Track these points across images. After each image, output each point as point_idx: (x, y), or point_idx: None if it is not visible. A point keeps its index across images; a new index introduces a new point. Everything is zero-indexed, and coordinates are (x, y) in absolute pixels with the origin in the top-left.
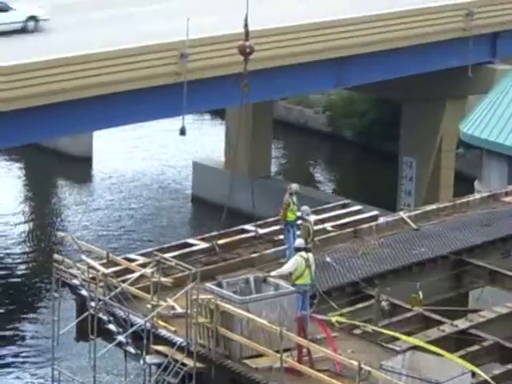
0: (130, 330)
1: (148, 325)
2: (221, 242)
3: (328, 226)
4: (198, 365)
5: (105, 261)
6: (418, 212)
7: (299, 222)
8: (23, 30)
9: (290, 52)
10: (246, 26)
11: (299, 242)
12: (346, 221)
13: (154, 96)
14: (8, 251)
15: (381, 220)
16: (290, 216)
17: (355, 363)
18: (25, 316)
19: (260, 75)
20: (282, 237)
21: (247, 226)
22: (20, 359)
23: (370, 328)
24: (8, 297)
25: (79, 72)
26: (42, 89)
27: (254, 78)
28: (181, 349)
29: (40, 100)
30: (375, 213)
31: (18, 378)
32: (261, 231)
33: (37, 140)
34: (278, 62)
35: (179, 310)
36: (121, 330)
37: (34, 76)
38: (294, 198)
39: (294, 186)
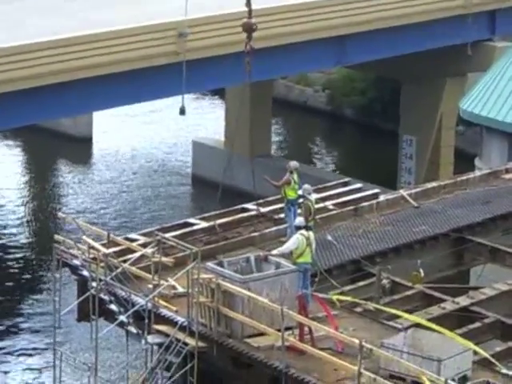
0: (132, 310)
1: (149, 305)
2: (221, 221)
3: (329, 204)
4: (200, 344)
5: (105, 241)
6: (418, 190)
7: (300, 200)
8: None
9: (290, 31)
10: (248, 3)
11: (299, 220)
12: (347, 199)
13: (154, 76)
14: (8, 232)
15: (381, 198)
16: (291, 194)
17: (357, 341)
18: (26, 297)
19: (260, 54)
20: (282, 215)
21: (247, 205)
22: (21, 340)
23: (371, 306)
24: (9, 278)
25: (78, 53)
26: (41, 70)
27: (254, 57)
28: (182, 328)
29: (39, 81)
30: (376, 191)
31: (19, 359)
32: (262, 210)
33: (36, 121)
34: (277, 41)
35: (180, 289)
36: (122, 309)
37: (34, 57)
38: (295, 176)
39: (293, 164)
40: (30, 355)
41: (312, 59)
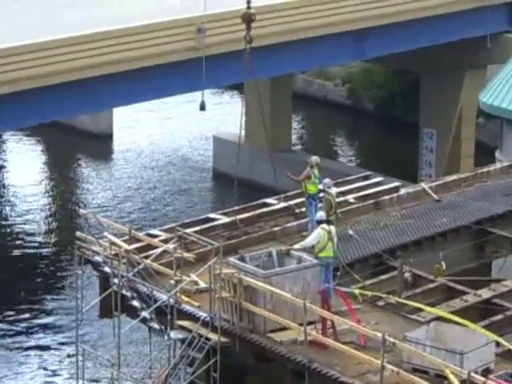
0: (154, 306)
1: (171, 300)
2: (242, 216)
3: (350, 197)
4: (223, 339)
5: (127, 237)
6: (439, 183)
7: (321, 194)
8: None
9: (309, 25)
10: None
11: (320, 214)
12: (368, 192)
13: (173, 72)
14: (30, 229)
15: (402, 191)
16: (312, 189)
17: (379, 335)
18: (47, 293)
19: (279, 49)
20: (303, 209)
21: (269, 200)
22: (43, 336)
23: (393, 299)
24: (31, 274)
25: (98, 49)
26: (61, 66)
27: (273, 52)
28: (205, 324)
29: (60, 78)
30: (396, 184)
31: (42, 355)
32: (283, 204)
33: (57, 118)
34: (296, 35)
35: (202, 285)
36: (144, 305)
37: (54, 54)
38: (316, 171)
39: (314, 158)
40: (53, 351)
41: (331, 53)
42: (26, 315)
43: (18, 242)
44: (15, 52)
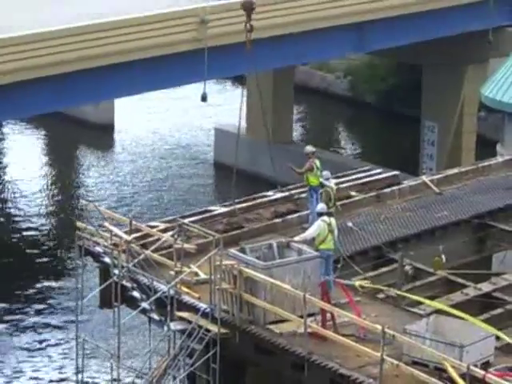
0: (154, 297)
1: (172, 291)
2: (241, 206)
3: (347, 185)
4: (222, 330)
5: (128, 228)
6: (440, 176)
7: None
8: None
9: (311, 17)
10: None
11: (321, 206)
12: (367, 180)
13: (176, 62)
14: (31, 219)
15: (403, 184)
16: (314, 181)
17: (379, 327)
18: (47, 284)
19: (280, 41)
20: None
21: (270, 193)
22: (44, 327)
23: (393, 292)
24: (31, 264)
25: (100, 40)
26: (62, 57)
27: (275, 45)
28: (205, 315)
29: (61, 68)
30: (395, 172)
31: (41, 347)
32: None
33: (59, 108)
34: (297, 28)
35: (203, 276)
36: (144, 296)
37: (54, 44)
38: (318, 163)
39: (308, 148)
40: (52, 341)
41: (333, 46)
42: (26, 305)
43: (19, 232)
44: (16, 42)
